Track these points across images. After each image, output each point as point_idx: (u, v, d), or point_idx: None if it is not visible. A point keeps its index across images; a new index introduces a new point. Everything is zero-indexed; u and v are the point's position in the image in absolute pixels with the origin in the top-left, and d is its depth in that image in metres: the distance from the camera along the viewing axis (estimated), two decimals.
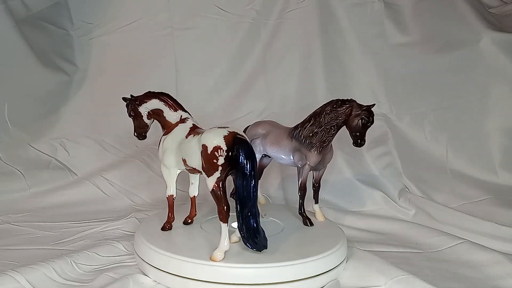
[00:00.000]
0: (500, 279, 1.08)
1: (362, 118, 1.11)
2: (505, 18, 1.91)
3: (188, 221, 1.17)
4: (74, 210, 1.50)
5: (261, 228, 0.99)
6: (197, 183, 1.17)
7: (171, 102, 1.11)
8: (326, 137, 1.15)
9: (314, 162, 1.17)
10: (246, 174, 0.95)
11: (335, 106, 1.13)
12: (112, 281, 0.99)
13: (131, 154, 1.77)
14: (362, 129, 1.11)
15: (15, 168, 1.63)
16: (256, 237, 0.98)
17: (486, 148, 1.73)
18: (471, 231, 1.35)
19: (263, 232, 0.99)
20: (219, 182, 0.97)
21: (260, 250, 0.99)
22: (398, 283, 1.00)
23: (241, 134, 0.98)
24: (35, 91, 1.79)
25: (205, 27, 1.88)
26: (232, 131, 0.96)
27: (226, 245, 0.97)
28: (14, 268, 0.99)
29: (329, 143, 1.17)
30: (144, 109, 1.12)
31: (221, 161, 0.94)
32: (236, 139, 0.95)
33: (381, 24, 1.87)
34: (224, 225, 0.97)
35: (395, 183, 1.62)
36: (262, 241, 0.99)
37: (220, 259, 0.96)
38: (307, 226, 1.19)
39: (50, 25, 1.86)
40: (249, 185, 0.95)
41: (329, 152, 1.20)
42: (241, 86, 1.88)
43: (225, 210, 0.97)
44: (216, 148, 0.94)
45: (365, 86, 1.85)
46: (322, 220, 1.24)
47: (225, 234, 0.97)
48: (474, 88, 1.76)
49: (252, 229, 0.97)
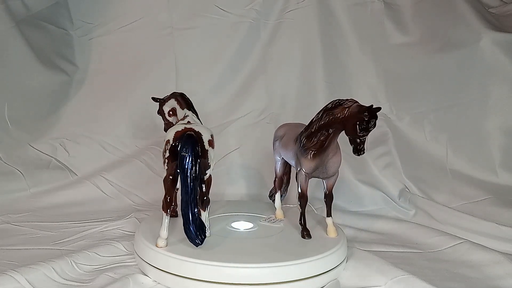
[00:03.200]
0: (500, 279, 1.08)
1: (360, 121, 0.95)
2: (505, 18, 1.91)
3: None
4: (74, 210, 1.50)
5: (194, 225, 0.98)
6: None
7: (181, 101, 1.18)
8: (321, 142, 1.03)
9: (308, 168, 1.06)
10: (183, 169, 0.97)
11: (331, 107, 1.01)
12: (112, 281, 0.99)
13: (131, 154, 1.77)
14: (359, 134, 0.96)
15: (15, 168, 1.63)
16: (187, 232, 0.99)
17: (486, 148, 1.73)
18: (471, 231, 1.35)
19: (196, 229, 0.99)
20: (168, 174, 1.01)
21: (195, 244, 1.00)
22: (398, 283, 1.00)
23: (197, 130, 1.02)
24: (35, 91, 1.79)
25: (205, 27, 1.87)
26: (188, 127, 1.02)
27: (164, 234, 1.02)
28: (14, 268, 0.99)
29: (327, 148, 1.04)
30: (166, 108, 1.22)
31: (167, 154, 1.01)
32: (183, 135, 0.99)
33: (381, 24, 1.87)
34: (164, 214, 1.02)
35: (395, 183, 1.62)
36: (192, 238, 0.99)
37: (160, 246, 1.01)
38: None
39: (50, 25, 1.86)
40: (185, 179, 0.97)
41: (331, 159, 1.07)
42: (241, 86, 1.88)
43: (165, 202, 1.01)
44: (166, 141, 1.01)
45: (365, 86, 1.85)
46: (334, 236, 1.12)
47: (164, 223, 1.02)
48: (474, 88, 1.76)
49: (185, 223, 0.99)
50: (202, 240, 1.00)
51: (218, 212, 1.28)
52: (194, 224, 0.98)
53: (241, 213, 1.28)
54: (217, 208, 1.32)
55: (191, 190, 0.97)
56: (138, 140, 1.77)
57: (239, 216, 1.25)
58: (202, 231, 1.00)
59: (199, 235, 0.99)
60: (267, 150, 1.73)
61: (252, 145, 1.76)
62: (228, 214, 1.27)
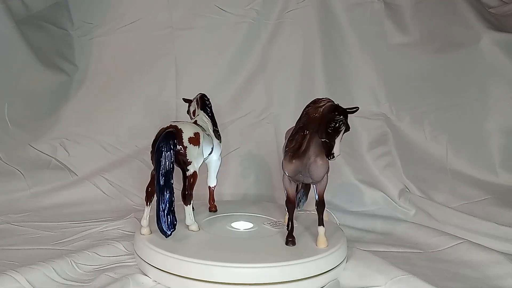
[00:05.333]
0: (500, 279, 1.08)
1: (329, 121, 0.90)
2: (505, 18, 1.92)
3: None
4: (74, 210, 1.50)
5: (162, 217, 1.02)
6: (213, 174, 1.28)
7: (199, 102, 1.29)
8: (299, 143, 0.98)
9: (289, 171, 1.02)
10: (156, 162, 1.03)
11: (307, 107, 0.97)
12: (112, 281, 0.99)
13: (131, 154, 1.77)
14: (327, 136, 0.91)
15: (15, 168, 1.63)
16: (156, 223, 1.03)
17: (486, 148, 1.73)
18: (471, 231, 1.35)
19: (165, 221, 1.03)
20: (153, 169, 1.07)
21: (163, 235, 1.03)
22: (398, 283, 1.00)
23: (179, 128, 1.07)
24: (35, 91, 1.79)
25: (205, 27, 1.87)
26: (174, 124, 1.08)
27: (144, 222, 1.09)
28: (14, 268, 0.99)
29: (307, 150, 0.98)
30: (191, 108, 1.33)
31: (150, 149, 1.08)
32: (163, 131, 1.06)
33: (381, 24, 1.87)
34: (145, 205, 1.10)
35: (395, 183, 1.62)
36: (161, 229, 1.03)
37: (143, 233, 1.08)
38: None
39: (50, 25, 1.86)
40: (156, 172, 1.03)
41: (314, 163, 0.99)
42: (241, 86, 1.88)
43: (146, 192, 1.10)
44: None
45: (365, 86, 1.85)
46: (323, 247, 1.04)
47: (145, 213, 1.09)
48: (474, 88, 1.76)
49: (156, 215, 1.03)
50: (170, 232, 1.03)
51: (218, 212, 1.28)
52: (162, 216, 1.02)
53: (241, 213, 1.28)
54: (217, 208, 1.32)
55: (163, 183, 1.02)
56: (138, 140, 1.77)
57: (239, 216, 1.25)
58: (171, 224, 1.03)
59: (167, 227, 1.03)
60: (267, 150, 1.74)
61: (252, 145, 1.76)
62: (228, 214, 1.27)
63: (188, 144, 1.07)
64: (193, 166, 1.09)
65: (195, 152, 1.09)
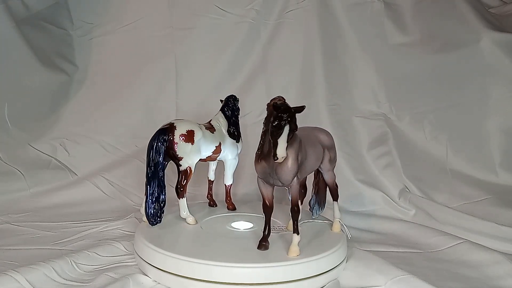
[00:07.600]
0: (500, 279, 1.08)
1: (273, 120, 0.88)
2: (505, 18, 1.92)
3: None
4: (74, 210, 1.50)
5: (149, 209, 1.12)
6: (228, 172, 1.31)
7: (222, 102, 1.32)
8: (261, 144, 0.97)
9: (257, 171, 1.00)
10: (147, 155, 1.12)
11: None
12: (112, 281, 0.99)
13: (131, 154, 1.77)
14: (270, 135, 0.89)
15: (15, 168, 1.63)
16: (144, 212, 1.13)
17: (486, 148, 1.73)
18: (471, 231, 1.35)
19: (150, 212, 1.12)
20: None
21: (149, 223, 1.13)
22: (398, 283, 1.00)
23: (174, 125, 1.13)
24: (35, 91, 1.79)
25: (205, 27, 1.87)
26: (171, 122, 1.15)
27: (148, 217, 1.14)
28: (14, 268, 0.99)
29: (267, 151, 0.95)
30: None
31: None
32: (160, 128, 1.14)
33: (381, 24, 1.86)
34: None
35: (395, 183, 1.62)
36: (148, 217, 1.13)
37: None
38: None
39: (50, 25, 1.85)
40: (146, 165, 1.12)
41: (280, 165, 0.94)
42: (241, 86, 1.87)
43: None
44: None
45: (365, 86, 1.85)
46: (293, 256, 0.98)
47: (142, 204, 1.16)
48: (474, 88, 1.76)
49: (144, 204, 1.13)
50: (155, 222, 1.13)
51: (218, 212, 1.28)
52: (148, 207, 1.12)
53: (241, 213, 1.28)
54: (217, 208, 1.32)
55: (150, 174, 1.12)
56: (138, 140, 1.77)
57: (239, 216, 1.25)
58: (155, 215, 1.13)
59: (152, 216, 1.12)
60: None
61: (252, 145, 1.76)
62: (228, 214, 1.27)
63: (179, 140, 1.12)
64: (186, 162, 1.13)
65: (187, 148, 1.13)
